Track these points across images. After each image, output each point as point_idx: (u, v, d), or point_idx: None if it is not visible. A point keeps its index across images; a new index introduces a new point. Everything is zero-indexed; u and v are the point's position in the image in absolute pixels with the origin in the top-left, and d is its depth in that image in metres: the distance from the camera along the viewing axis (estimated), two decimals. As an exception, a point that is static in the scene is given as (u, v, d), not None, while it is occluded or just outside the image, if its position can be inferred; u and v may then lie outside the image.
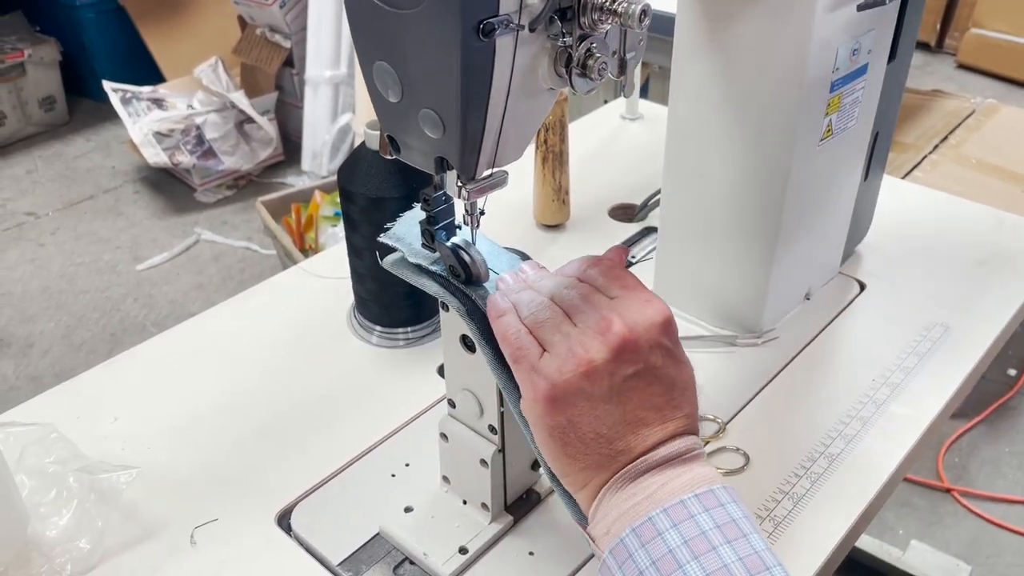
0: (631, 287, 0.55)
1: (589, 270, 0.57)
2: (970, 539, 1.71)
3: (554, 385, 0.51)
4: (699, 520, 0.49)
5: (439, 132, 0.52)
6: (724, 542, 0.48)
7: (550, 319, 0.54)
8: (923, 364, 0.84)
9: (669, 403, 0.53)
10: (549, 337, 0.53)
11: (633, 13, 0.49)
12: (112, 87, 2.73)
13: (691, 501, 0.49)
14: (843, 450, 0.75)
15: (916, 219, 1.06)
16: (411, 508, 0.70)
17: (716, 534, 0.48)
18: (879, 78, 0.83)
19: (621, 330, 0.51)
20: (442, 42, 0.48)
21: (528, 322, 0.55)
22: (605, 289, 0.55)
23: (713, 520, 0.49)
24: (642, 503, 0.50)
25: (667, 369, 0.53)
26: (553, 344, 0.53)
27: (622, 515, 0.51)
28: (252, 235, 2.63)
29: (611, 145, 1.25)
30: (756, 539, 0.49)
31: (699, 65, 0.78)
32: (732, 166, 0.80)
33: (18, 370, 2.16)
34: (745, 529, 0.49)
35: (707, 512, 0.49)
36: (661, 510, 0.49)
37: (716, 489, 0.50)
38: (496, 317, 0.56)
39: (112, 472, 0.69)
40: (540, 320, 0.54)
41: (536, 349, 0.53)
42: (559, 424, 0.52)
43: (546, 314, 0.54)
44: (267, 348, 0.88)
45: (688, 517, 0.49)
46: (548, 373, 0.52)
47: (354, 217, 0.83)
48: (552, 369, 0.52)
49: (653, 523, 0.49)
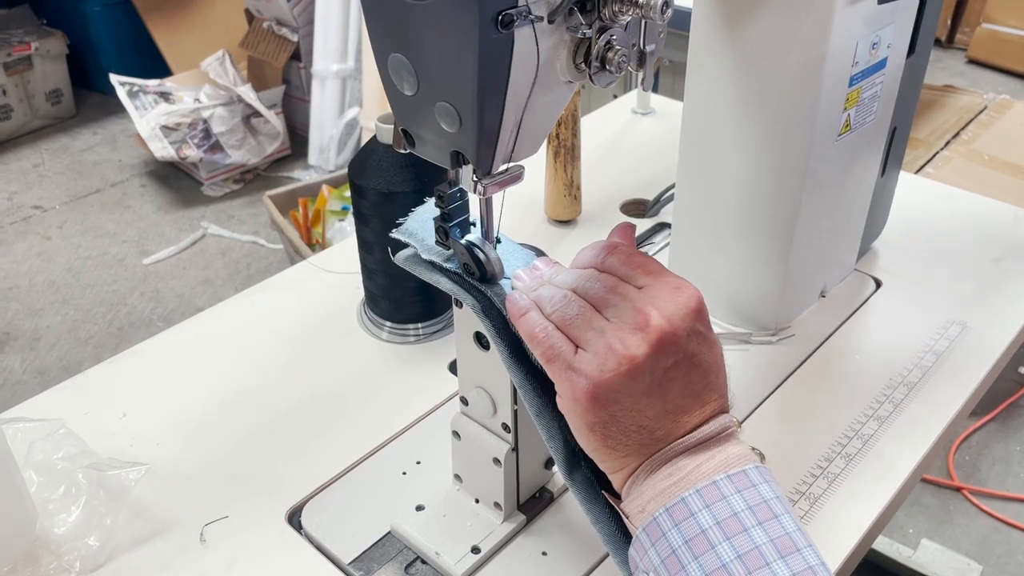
0: (656, 273, 0.54)
1: (608, 259, 0.55)
2: (981, 538, 1.70)
3: (596, 384, 0.50)
4: (731, 501, 0.49)
5: (455, 126, 0.51)
6: (756, 523, 0.48)
7: (580, 315, 0.53)
8: (941, 363, 0.83)
9: (706, 387, 0.52)
10: (582, 334, 0.52)
11: (655, 4, 0.48)
12: (119, 80, 2.72)
13: (723, 482, 0.49)
14: (860, 450, 0.74)
15: (932, 215, 1.05)
16: (423, 506, 0.69)
17: (748, 515, 0.48)
18: (898, 72, 0.82)
19: (660, 323, 0.50)
20: (459, 34, 0.47)
21: (555, 318, 0.53)
22: (630, 278, 0.54)
23: (745, 501, 0.49)
24: (677, 483, 0.50)
25: (703, 354, 0.52)
26: (588, 341, 0.52)
27: (658, 495, 0.51)
28: (259, 229, 2.63)
29: (622, 140, 1.24)
30: (787, 520, 0.49)
31: (715, 59, 0.77)
32: (748, 161, 0.79)
33: (25, 364, 2.15)
34: (776, 510, 0.49)
35: (739, 493, 0.49)
36: (694, 491, 0.49)
37: (748, 469, 0.50)
38: (519, 316, 0.55)
39: (121, 469, 0.68)
40: (569, 316, 0.53)
41: (569, 346, 0.52)
42: (601, 420, 0.51)
43: (574, 309, 0.53)
44: (276, 344, 0.88)
45: (720, 498, 0.49)
46: (589, 372, 0.51)
47: (364, 212, 0.82)
48: (592, 368, 0.51)
49: (686, 503, 0.49)
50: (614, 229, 0.59)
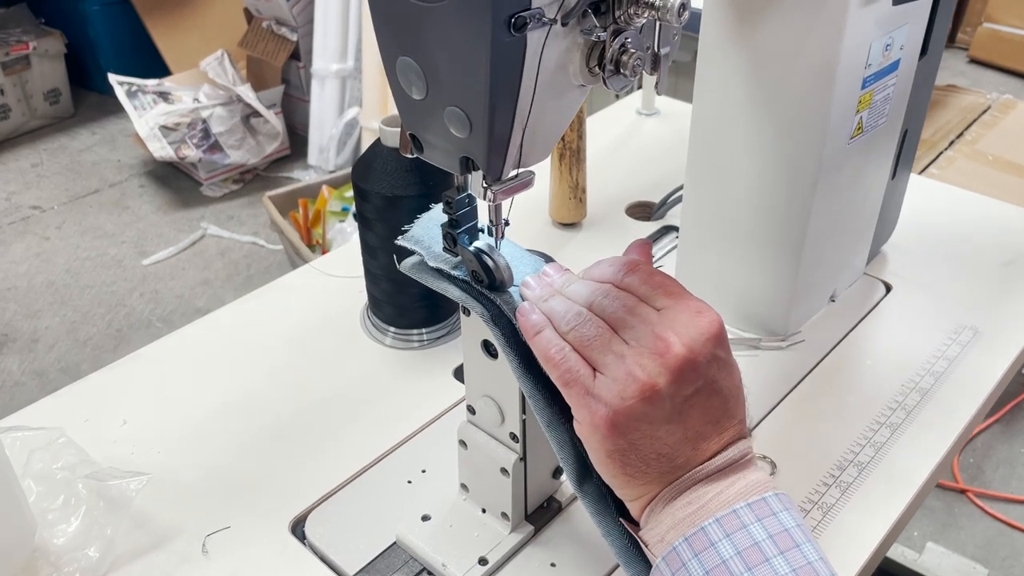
0: (677, 295, 0.53)
1: (628, 277, 0.54)
2: (986, 541, 1.69)
3: (615, 411, 0.49)
4: (752, 530, 0.48)
5: (465, 131, 0.50)
6: (777, 553, 0.47)
7: (598, 336, 0.51)
8: (953, 368, 0.81)
9: (726, 413, 0.52)
10: (600, 357, 0.51)
11: (672, 7, 0.47)
12: (117, 80, 2.71)
13: (743, 511, 0.48)
14: (873, 458, 0.73)
15: (941, 218, 1.03)
16: (428, 516, 0.68)
17: (769, 545, 0.47)
18: (910, 74, 0.81)
19: (680, 351, 0.49)
20: (471, 37, 0.45)
21: (572, 338, 0.52)
22: (649, 299, 0.53)
23: (766, 530, 0.48)
24: (696, 512, 0.50)
25: (723, 380, 0.51)
26: (607, 365, 0.51)
27: (677, 524, 0.50)
28: (258, 230, 2.61)
29: (627, 141, 1.23)
30: (809, 549, 0.48)
31: (726, 61, 0.76)
32: (759, 164, 0.78)
33: (23, 365, 2.14)
34: (798, 539, 0.48)
35: (759, 522, 0.48)
36: (714, 520, 0.49)
37: (768, 497, 0.49)
38: (533, 333, 0.53)
39: (122, 479, 0.67)
40: (587, 337, 0.52)
41: (587, 370, 0.51)
42: (619, 447, 0.50)
43: (591, 330, 0.52)
44: (278, 349, 0.86)
45: (741, 527, 0.48)
46: (608, 399, 0.50)
47: (368, 216, 0.81)
48: (612, 395, 0.49)
49: (706, 533, 0.48)
50: (631, 246, 0.58)
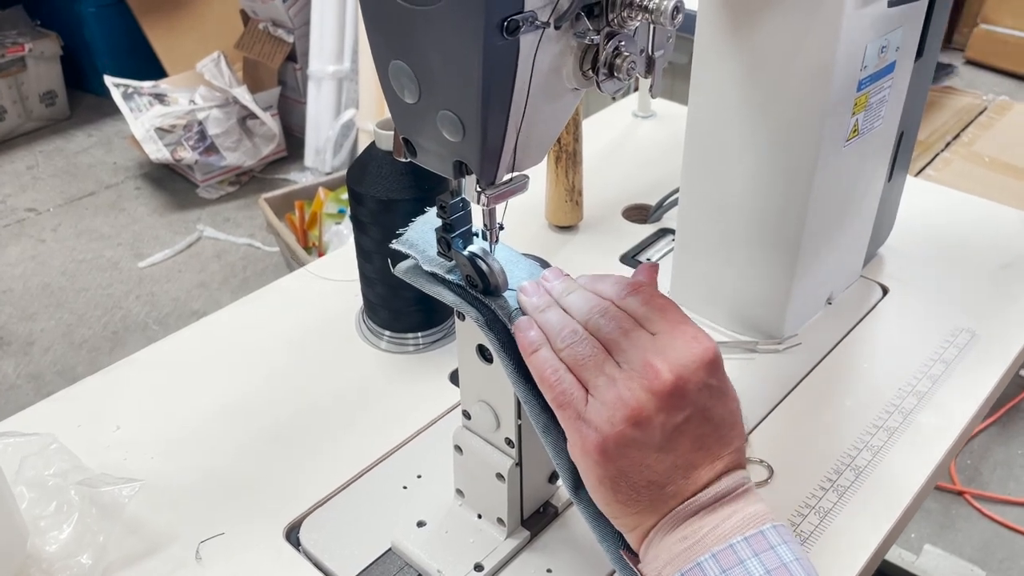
0: (674, 321, 0.52)
1: (629, 298, 0.54)
2: (983, 543, 1.69)
3: (605, 437, 0.49)
4: (749, 566, 0.47)
5: (458, 135, 0.49)
6: None
7: (592, 356, 0.51)
8: (950, 371, 0.81)
9: (718, 441, 0.51)
10: (592, 379, 0.51)
11: (666, 9, 0.46)
12: (113, 82, 2.70)
13: (741, 545, 0.48)
14: (870, 462, 0.72)
15: (938, 221, 1.03)
16: (424, 522, 0.68)
17: None
18: (906, 76, 0.81)
19: (669, 377, 0.49)
20: (464, 40, 0.45)
21: (565, 355, 0.52)
22: (647, 322, 0.52)
23: (764, 566, 0.47)
24: (692, 547, 0.49)
25: (715, 408, 0.51)
26: (598, 388, 0.51)
27: (673, 558, 0.49)
28: (255, 232, 2.61)
29: (623, 144, 1.22)
30: None
31: (721, 63, 0.75)
32: (754, 167, 0.78)
33: (18, 368, 2.13)
34: (796, 574, 0.47)
35: (756, 556, 0.48)
36: (710, 555, 0.48)
37: (766, 530, 0.49)
38: (529, 352, 0.53)
39: (114, 485, 0.67)
40: (581, 357, 0.52)
41: (580, 393, 0.51)
42: (610, 474, 0.50)
43: (586, 350, 0.52)
44: (273, 353, 0.86)
45: (738, 563, 0.47)
46: (598, 424, 0.50)
47: (363, 220, 0.81)
48: (602, 420, 0.50)
49: (702, 569, 0.48)
50: (639, 268, 0.58)
